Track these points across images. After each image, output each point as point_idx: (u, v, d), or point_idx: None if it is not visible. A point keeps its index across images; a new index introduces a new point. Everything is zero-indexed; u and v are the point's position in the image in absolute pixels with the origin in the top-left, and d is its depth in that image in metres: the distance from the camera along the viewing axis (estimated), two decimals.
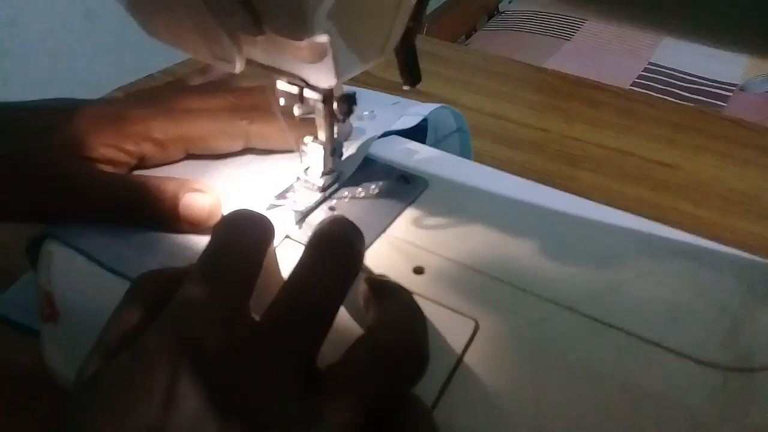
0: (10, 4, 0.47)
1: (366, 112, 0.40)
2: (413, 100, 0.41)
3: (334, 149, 0.33)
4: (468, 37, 1.62)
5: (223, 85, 0.39)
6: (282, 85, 0.30)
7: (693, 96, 1.26)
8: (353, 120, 0.39)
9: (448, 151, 0.41)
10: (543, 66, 0.87)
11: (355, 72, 0.27)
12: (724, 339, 0.28)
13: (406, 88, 0.31)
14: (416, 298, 0.29)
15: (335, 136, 0.33)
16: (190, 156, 0.36)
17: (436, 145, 0.45)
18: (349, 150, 0.36)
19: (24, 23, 0.48)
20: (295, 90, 0.30)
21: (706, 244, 0.33)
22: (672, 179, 0.54)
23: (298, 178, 0.34)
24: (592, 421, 0.25)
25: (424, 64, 0.30)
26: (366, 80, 0.29)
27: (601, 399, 0.25)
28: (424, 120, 0.41)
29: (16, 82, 0.49)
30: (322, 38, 0.23)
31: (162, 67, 0.54)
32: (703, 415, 0.25)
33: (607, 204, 0.35)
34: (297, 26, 0.22)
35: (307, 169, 0.34)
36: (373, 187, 0.35)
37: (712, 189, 0.53)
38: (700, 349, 0.27)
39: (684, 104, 0.69)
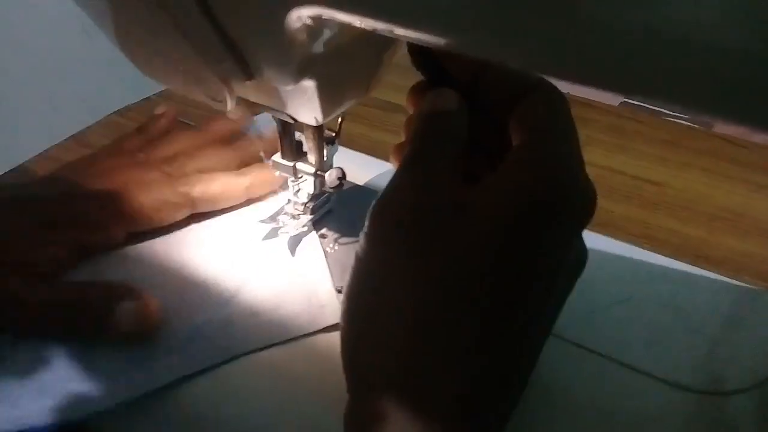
0: (7, 23, 0.48)
1: None
2: None
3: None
4: None
5: (161, 141, 0.39)
6: (277, 157, 0.33)
7: None
8: None
9: None
10: None
11: (341, 109, 0.29)
12: (698, 362, 0.29)
13: None
14: None
15: (324, 159, 0.33)
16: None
17: None
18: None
19: (21, 41, 0.48)
20: (289, 164, 0.33)
21: (684, 267, 0.34)
22: (660, 197, 0.55)
23: (288, 201, 0.35)
24: None
25: (407, 82, 0.30)
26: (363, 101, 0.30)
27: (576, 423, 0.26)
28: None
29: (15, 100, 0.49)
30: (309, 83, 0.24)
31: (159, 88, 0.55)
32: None
33: (595, 224, 0.36)
34: (284, 74, 0.23)
35: (297, 191, 0.35)
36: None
37: (699, 206, 0.54)
38: (674, 373, 0.28)
39: (674, 120, 0.70)
